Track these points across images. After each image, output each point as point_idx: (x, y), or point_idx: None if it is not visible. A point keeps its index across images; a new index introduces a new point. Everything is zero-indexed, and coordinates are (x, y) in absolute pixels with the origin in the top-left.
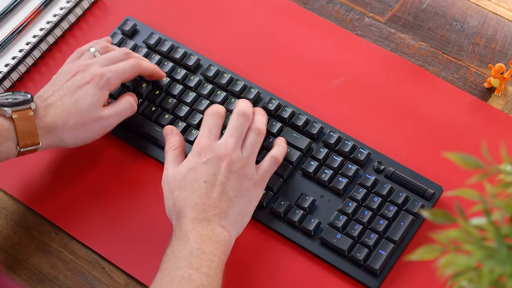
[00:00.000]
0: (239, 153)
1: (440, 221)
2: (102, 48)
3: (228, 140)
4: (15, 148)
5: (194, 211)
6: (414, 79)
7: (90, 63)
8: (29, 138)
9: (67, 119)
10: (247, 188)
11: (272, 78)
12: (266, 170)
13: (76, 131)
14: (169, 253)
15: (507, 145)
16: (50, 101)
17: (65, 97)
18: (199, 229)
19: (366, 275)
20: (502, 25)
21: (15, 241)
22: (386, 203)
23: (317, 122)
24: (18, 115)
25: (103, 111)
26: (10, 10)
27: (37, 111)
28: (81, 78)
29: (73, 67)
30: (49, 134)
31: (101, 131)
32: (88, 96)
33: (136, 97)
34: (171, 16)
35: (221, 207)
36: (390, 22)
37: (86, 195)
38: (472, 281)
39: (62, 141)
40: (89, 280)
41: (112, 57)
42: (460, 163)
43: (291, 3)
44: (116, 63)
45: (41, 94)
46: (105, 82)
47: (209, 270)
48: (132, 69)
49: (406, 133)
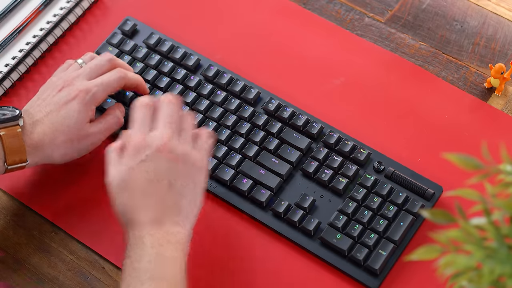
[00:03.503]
0: (176, 140)
1: (440, 221)
2: (88, 59)
3: (162, 130)
4: (2, 165)
5: (145, 214)
6: (414, 79)
7: (75, 76)
8: (17, 155)
9: (54, 136)
10: (192, 174)
11: (272, 78)
12: (205, 149)
13: (63, 148)
14: (127, 266)
15: (507, 145)
16: (37, 118)
17: (52, 113)
18: (154, 233)
19: (366, 275)
20: (502, 25)
21: (15, 241)
22: (386, 203)
23: (317, 122)
24: (6, 132)
25: (90, 128)
26: (10, 10)
27: (25, 127)
28: (67, 94)
29: (59, 81)
30: (37, 152)
31: (89, 147)
32: (75, 113)
33: (123, 108)
34: (171, 16)
35: (170, 203)
36: (390, 22)
37: (86, 195)
38: (472, 281)
39: (50, 158)
40: (89, 280)
41: (97, 66)
42: (460, 164)
43: (291, 3)
44: (101, 72)
45: (27, 108)
46: (91, 98)
47: (173, 276)
48: (117, 81)
49: (406, 133)
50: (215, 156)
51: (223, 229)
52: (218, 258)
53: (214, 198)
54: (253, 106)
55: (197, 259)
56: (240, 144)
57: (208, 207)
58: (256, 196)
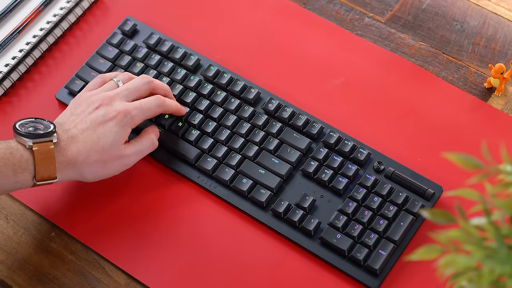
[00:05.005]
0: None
1: (440, 221)
2: (126, 79)
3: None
4: (31, 180)
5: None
6: (414, 79)
7: (113, 96)
8: (47, 171)
9: (88, 155)
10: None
11: (272, 78)
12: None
13: (96, 168)
14: None
15: (507, 145)
16: (72, 134)
17: (87, 131)
18: None
19: (366, 275)
20: (502, 25)
21: (15, 241)
22: (386, 203)
23: (317, 122)
24: (38, 147)
25: (124, 150)
26: (10, 10)
27: (59, 144)
28: (105, 114)
29: (95, 98)
30: (68, 169)
31: (121, 168)
32: (111, 134)
33: (157, 131)
34: (171, 16)
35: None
36: (390, 22)
37: (86, 195)
38: (472, 281)
39: (80, 176)
40: (89, 280)
41: (135, 88)
42: (460, 164)
43: (291, 3)
44: (139, 94)
45: (61, 122)
46: (129, 120)
47: None
48: (156, 108)
49: (406, 133)
50: (215, 156)
51: (223, 229)
52: (218, 258)
53: (214, 198)
54: (253, 106)
55: (197, 259)
56: (240, 144)
57: (208, 207)
58: (256, 196)
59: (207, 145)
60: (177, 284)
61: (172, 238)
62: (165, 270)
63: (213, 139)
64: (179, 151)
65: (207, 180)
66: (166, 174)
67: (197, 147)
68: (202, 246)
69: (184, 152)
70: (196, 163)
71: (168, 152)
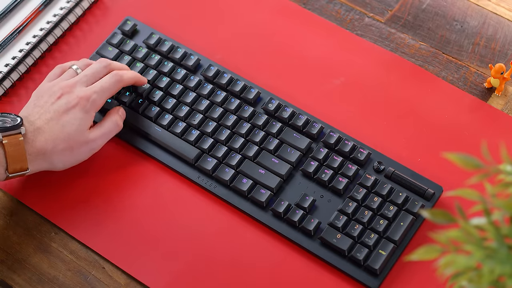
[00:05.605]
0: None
1: (440, 221)
2: (84, 65)
3: None
4: (3, 173)
5: None
6: (414, 79)
7: (74, 84)
8: (18, 163)
9: (55, 144)
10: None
11: (272, 78)
12: None
13: (64, 155)
14: None
15: (507, 145)
16: (37, 125)
17: (52, 121)
18: None
19: (366, 275)
20: (502, 25)
21: (15, 241)
22: (386, 203)
23: (317, 122)
24: (8, 140)
25: (90, 134)
26: (10, 10)
27: (26, 135)
28: (67, 102)
29: (57, 88)
30: (38, 159)
31: (89, 153)
32: (76, 121)
33: (123, 111)
34: (171, 16)
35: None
36: (390, 22)
37: (86, 195)
38: (472, 281)
39: (51, 165)
40: (89, 280)
41: (94, 73)
42: (460, 164)
43: (291, 3)
44: (99, 78)
45: (26, 115)
46: (91, 104)
47: None
48: (115, 84)
49: (406, 133)
50: (215, 156)
51: (223, 229)
52: (218, 258)
53: (214, 198)
54: (253, 106)
55: (197, 259)
56: (240, 144)
57: (208, 207)
58: (256, 196)
59: (207, 145)
60: (177, 284)
61: (172, 238)
62: (165, 270)
63: (213, 139)
64: (179, 151)
65: (207, 180)
66: (166, 174)
67: (197, 147)
68: (202, 246)
69: (184, 152)
70: (196, 163)
71: (168, 152)
